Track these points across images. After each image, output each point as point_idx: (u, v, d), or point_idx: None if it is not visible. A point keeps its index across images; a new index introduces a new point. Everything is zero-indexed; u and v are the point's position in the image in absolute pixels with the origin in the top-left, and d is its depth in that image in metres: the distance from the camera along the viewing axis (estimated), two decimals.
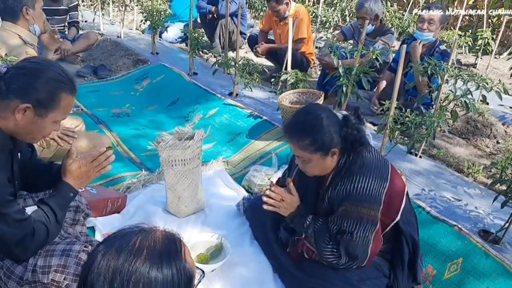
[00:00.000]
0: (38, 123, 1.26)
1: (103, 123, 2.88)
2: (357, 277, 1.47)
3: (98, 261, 0.71)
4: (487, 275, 1.61)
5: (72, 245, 1.33)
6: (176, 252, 0.73)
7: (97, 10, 4.83)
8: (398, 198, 1.44)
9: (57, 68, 1.29)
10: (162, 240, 0.74)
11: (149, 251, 0.71)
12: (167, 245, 0.73)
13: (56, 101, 1.26)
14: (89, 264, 0.72)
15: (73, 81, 1.32)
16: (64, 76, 1.29)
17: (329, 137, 1.38)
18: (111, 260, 0.70)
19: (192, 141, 1.87)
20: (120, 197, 1.99)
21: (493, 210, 2.03)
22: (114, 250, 0.71)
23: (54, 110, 1.27)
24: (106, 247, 0.72)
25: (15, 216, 1.22)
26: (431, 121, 2.17)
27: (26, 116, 1.23)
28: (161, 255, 0.71)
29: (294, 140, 1.42)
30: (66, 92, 1.28)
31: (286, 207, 1.52)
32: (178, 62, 3.96)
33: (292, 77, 2.75)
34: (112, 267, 0.69)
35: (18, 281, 1.29)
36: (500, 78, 3.96)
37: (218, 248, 1.73)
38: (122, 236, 0.74)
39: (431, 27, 2.79)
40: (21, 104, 1.21)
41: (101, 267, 0.70)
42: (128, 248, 0.71)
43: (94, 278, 0.70)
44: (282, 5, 3.68)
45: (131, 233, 0.75)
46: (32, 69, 1.25)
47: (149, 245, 0.72)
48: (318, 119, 1.39)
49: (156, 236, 0.74)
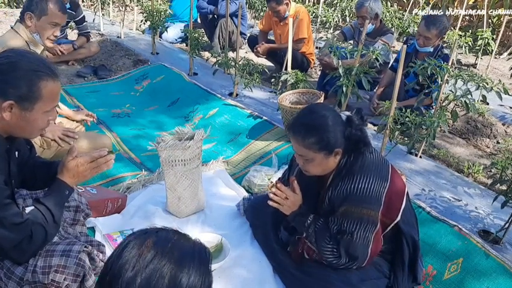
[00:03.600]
0: (27, 117, 1.22)
1: (103, 124, 2.88)
2: (358, 277, 1.47)
3: (129, 250, 0.71)
4: (487, 275, 1.61)
5: (72, 246, 1.33)
6: (206, 263, 0.74)
7: (97, 10, 4.83)
8: (398, 199, 1.44)
9: (31, 57, 1.23)
10: (195, 247, 0.75)
11: (181, 253, 0.72)
12: (200, 253, 0.74)
13: (37, 91, 1.20)
14: (119, 252, 0.71)
15: (50, 66, 1.25)
16: (39, 64, 1.23)
17: (334, 136, 1.38)
18: (144, 252, 0.70)
19: (192, 141, 1.87)
20: (120, 197, 1.99)
21: (493, 210, 2.03)
22: (149, 244, 0.71)
23: (39, 101, 1.22)
24: (139, 239, 0.73)
25: (12, 220, 1.20)
26: (431, 121, 2.17)
27: (14, 113, 1.20)
28: (193, 261, 0.72)
29: (300, 138, 1.41)
30: (45, 79, 1.22)
31: (289, 206, 1.52)
32: (178, 62, 3.96)
33: (293, 77, 2.75)
34: (142, 259, 0.69)
35: (19, 282, 1.28)
36: (500, 78, 3.96)
37: (218, 248, 1.73)
38: (156, 232, 0.75)
39: (428, 42, 2.81)
40: (4, 103, 1.18)
41: (132, 258, 0.70)
42: (162, 244, 0.72)
43: (121, 266, 0.69)
44: (282, 5, 3.68)
45: (166, 231, 0.75)
46: (5, 65, 1.19)
47: (182, 248, 0.73)
48: (324, 118, 1.39)
49: (190, 241, 0.75)
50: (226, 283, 1.61)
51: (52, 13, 2.04)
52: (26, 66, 1.20)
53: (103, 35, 4.66)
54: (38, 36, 2.06)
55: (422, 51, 2.88)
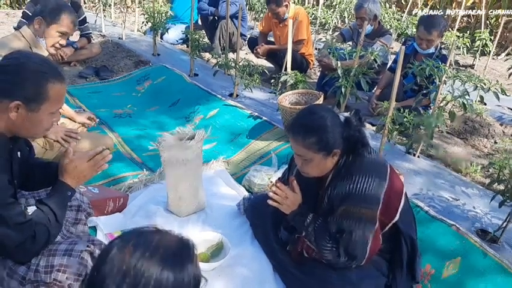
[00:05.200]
0: (33, 118, 1.24)
1: (105, 124, 2.89)
2: (357, 276, 1.48)
3: (113, 253, 0.72)
4: (485, 274, 1.62)
5: (74, 245, 1.33)
6: (190, 257, 0.75)
7: (99, 12, 4.85)
8: (396, 198, 1.46)
9: (38, 59, 1.25)
10: (177, 244, 0.75)
11: (164, 251, 0.72)
12: (182, 249, 0.75)
13: (44, 93, 1.22)
14: (104, 255, 0.73)
15: (57, 68, 1.27)
16: (46, 66, 1.24)
17: (333, 137, 1.40)
18: (127, 254, 0.71)
19: (192, 141, 1.89)
20: (122, 196, 2.01)
21: (491, 209, 2.04)
22: (131, 245, 0.72)
23: (45, 102, 1.23)
24: (123, 241, 0.74)
25: (16, 219, 1.20)
26: (429, 121, 2.18)
27: (20, 114, 1.22)
28: (176, 258, 0.73)
29: (299, 138, 1.42)
30: (52, 81, 1.23)
31: (289, 205, 1.53)
32: (179, 64, 3.97)
33: (292, 78, 2.77)
34: (126, 262, 0.70)
35: (21, 281, 1.28)
36: (498, 79, 3.98)
37: (218, 247, 1.74)
38: (139, 233, 0.76)
39: (431, 44, 2.83)
40: (11, 103, 1.19)
41: (116, 260, 0.71)
42: (145, 245, 0.72)
43: (107, 270, 0.70)
44: (282, 7, 3.70)
45: (148, 232, 0.76)
46: (13, 66, 1.21)
47: (165, 246, 0.73)
48: (323, 119, 1.41)
49: (172, 238, 0.76)
50: (227, 282, 1.62)
51: (63, 23, 2.04)
52: (33, 68, 1.22)
53: (104, 36, 4.68)
54: (43, 41, 2.06)
55: (424, 54, 2.88)
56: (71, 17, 2.07)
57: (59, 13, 2.03)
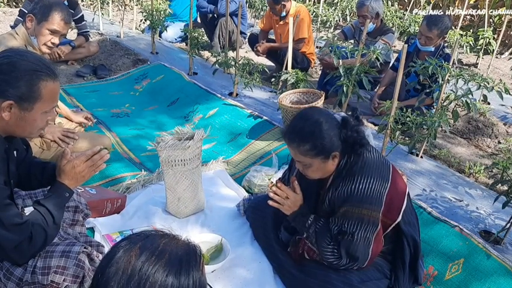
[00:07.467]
0: (27, 117, 1.22)
1: (103, 124, 2.87)
2: (358, 278, 1.47)
3: (119, 256, 0.71)
4: (488, 276, 1.61)
5: (71, 246, 1.32)
6: (196, 263, 0.74)
7: (97, 10, 4.82)
8: (399, 199, 1.44)
9: (31, 57, 1.23)
10: (184, 249, 0.75)
11: (171, 256, 0.72)
12: (189, 255, 0.74)
13: (37, 91, 1.20)
14: (110, 257, 0.72)
15: (50, 66, 1.25)
16: (39, 64, 1.22)
17: (329, 141, 1.38)
18: (133, 257, 0.70)
19: (191, 141, 1.86)
20: (120, 197, 1.99)
21: (494, 210, 2.02)
22: (137, 248, 0.71)
23: (38, 101, 1.22)
24: (129, 244, 0.73)
25: (12, 220, 1.19)
26: (432, 121, 2.16)
27: (13, 113, 1.20)
28: (182, 263, 0.72)
29: (294, 146, 1.41)
30: (45, 80, 1.22)
31: (290, 206, 1.52)
32: (178, 62, 3.95)
33: (293, 76, 2.74)
34: (132, 264, 0.70)
35: (18, 283, 1.28)
36: (502, 78, 3.96)
37: (218, 249, 1.72)
38: (146, 236, 0.75)
39: (430, 42, 2.81)
40: (3, 103, 1.18)
41: (122, 262, 0.70)
42: (151, 249, 0.72)
43: (112, 272, 0.70)
44: (279, 4, 3.67)
45: (156, 235, 0.75)
46: (5, 65, 1.19)
47: (171, 251, 0.73)
48: (316, 124, 1.38)
49: (179, 243, 0.75)
50: (227, 284, 1.61)
51: (54, 21, 2.00)
52: (26, 66, 1.20)
53: (102, 34, 4.65)
54: (35, 40, 2.02)
55: (423, 50, 2.87)
56: (62, 15, 2.02)
57: (49, 11, 1.99)
